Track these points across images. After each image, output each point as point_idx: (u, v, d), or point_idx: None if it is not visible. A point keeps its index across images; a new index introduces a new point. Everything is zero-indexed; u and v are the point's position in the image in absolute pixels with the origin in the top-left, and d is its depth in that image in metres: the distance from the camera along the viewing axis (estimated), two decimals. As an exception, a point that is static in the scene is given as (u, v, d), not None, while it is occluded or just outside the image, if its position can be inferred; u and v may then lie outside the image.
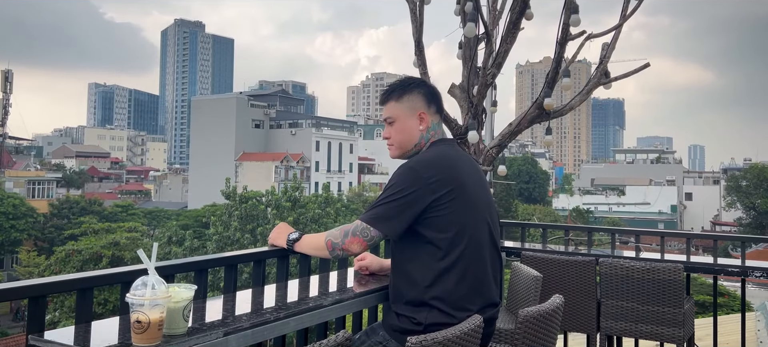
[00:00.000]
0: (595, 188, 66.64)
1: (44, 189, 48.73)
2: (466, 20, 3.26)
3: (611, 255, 3.64)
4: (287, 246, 2.20)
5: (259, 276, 2.26)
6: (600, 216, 53.75)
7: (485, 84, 3.43)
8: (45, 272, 23.08)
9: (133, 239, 24.74)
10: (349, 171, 65.01)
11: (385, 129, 2.19)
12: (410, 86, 2.15)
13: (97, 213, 41.84)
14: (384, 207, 1.96)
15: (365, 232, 1.97)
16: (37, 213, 38.83)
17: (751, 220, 44.81)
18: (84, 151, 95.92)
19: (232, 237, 21.33)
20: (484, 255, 2.01)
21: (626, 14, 3.61)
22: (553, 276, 3.43)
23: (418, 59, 3.57)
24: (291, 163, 57.76)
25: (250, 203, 22.19)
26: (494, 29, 3.70)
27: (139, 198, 68.70)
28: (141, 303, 1.43)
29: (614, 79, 3.73)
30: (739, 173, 50.49)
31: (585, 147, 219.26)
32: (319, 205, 23.45)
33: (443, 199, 1.93)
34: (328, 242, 2.04)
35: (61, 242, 31.93)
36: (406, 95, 2.13)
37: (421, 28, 3.49)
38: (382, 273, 2.40)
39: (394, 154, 2.18)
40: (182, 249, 22.47)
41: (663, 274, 3.21)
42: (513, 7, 3.46)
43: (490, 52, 3.48)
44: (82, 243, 24.22)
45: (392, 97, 2.14)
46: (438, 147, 2.10)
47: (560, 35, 3.33)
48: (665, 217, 56.41)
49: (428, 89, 2.16)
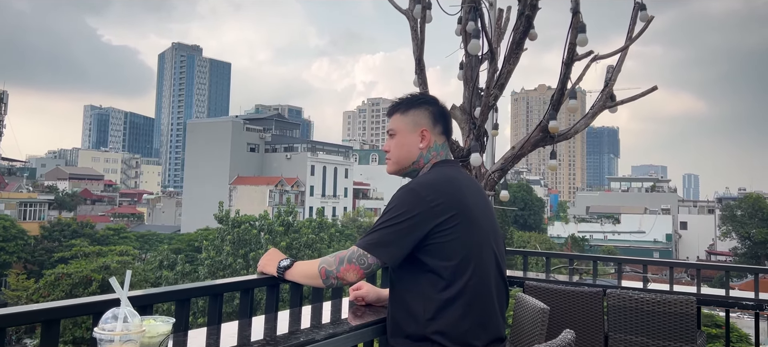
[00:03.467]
0: (591, 216, 66.66)
1: (36, 211, 48.27)
2: (468, 39, 3.16)
3: (618, 286, 3.47)
4: (277, 274, 2.04)
5: (246, 306, 2.09)
6: (595, 245, 53.62)
7: (488, 105, 3.31)
8: (33, 296, 22.64)
9: (124, 263, 24.38)
10: (343, 196, 64.84)
11: (386, 141, 2.06)
12: (418, 101, 2.03)
13: (89, 236, 41.37)
14: (382, 232, 1.81)
15: (362, 260, 1.81)
16: (27, 235, 38.36)
17: (746, 250, 44.76)
18: (77, 173, 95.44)
19: (224, 262, 21.04)
20: (490, 286, 1.85)
21: (632, 36, 3.52)
22: (558, 308, 3.26)
23: (418, 78, 3.46)
24: (286, 187, 57.56)
25: (242, 227, 21.96)
26: (497, 48, 3.59)
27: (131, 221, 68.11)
28: (110, 338, 1.25)
29: (620, 102, 3.63)
30: (734, 203, 50.61)
31: (580, 174, 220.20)
32: (313, 230, 23.22)
33: (446, 224, 1.78)
34: (321, 270, 1.88)
35: (51, 265, 31.46)
36: (412, 110, 2.01)
37: (422, 47, 3.38)
38: (380, 303, 2.24)
39: (390, 168, 2.06)
40: (173, 273, 22.14)
41: (674, 307, 3.05)
42: (516, 27, 3.36)
43: (494, 72, 3.37)
44: (73, 266, 23.83)
45: (398, 110, 2.03)
46: (441, 168, 1.96)
47: (566, 55, 3.22)
48: (660, 246, 56.33)
49: (437, 108, 2.03)
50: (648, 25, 3.62)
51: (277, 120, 73.97)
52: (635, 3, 3.64)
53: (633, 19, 3.70)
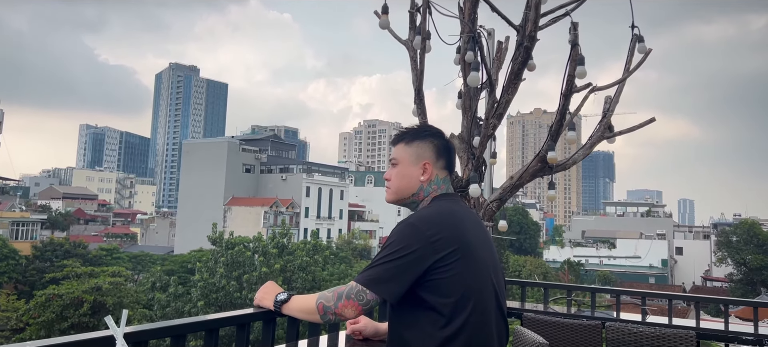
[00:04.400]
0: (586, 240, 66.57)
1: (28, 230, 47.86)
2: (467, 70, 3.17)
3: (617, 318, 3.44)
4: (274, 308, 2.00)
5: (242, 342, 2.05)
6: (591, 269, 53.45)
7: (486, 135, 3.31)
8: (23, 317, 22.32)
9: (116, 284, 24.09)
10: (338, 217, 64.64)
11: (387, 170, 2.06)
12: (423, 134, 2.03)
13: (81, 257, 40.95)
14: (382, 267, 1.78)
15: (360, 295, 1.78)
16: (19, 255, 37.95)
17: (742, 276, 44.71)
18: (71, 193, 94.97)
19: (217, 284, 20.82)
20: (491, 323, 1.83)
21: (630, 69, 3.55)
22: (557, 341, 3.22)
23: (417, 108, 3.47)
24: (280, 208, 57.37)
25: (236, 249, 21.79)
26: (496, 79, 3.61)
27: (124, 241, 67.61)
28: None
29: (618, 133, 3.65)
30: (730, 228, 50.66)
31: (575, 198, 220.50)
32: (308, 253, 23.06)
33: (446, 260, 1.76)
34: (319, 305, 1.85)
35: (42, 286, 31.07)
36: (416, 141, 2.01)
37: (422, 77, 3.39)
38: (377, 338, 2.21)
39: (389, 197, 2.05)
40: (166, 295, 21.89)
41: (674, 342, 3.01)
42: (515, 58, 3.38)
43: (493, 103, 3.38)
44: (64, 287, 23.53)
45: (403, 140, 2.03)
46: (440, 202, 1.95)
47: (565, 87, 3.24)
48: (656, 271, 56.22)
49: (442, 142, 2.03)
50: (646, 58, 3.65)
51: (273, 141, 74.03)
52: (633, 35, 3.67)
53: (631, 50, 3.74)
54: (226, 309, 19.38)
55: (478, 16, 3.53)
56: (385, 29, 3.51)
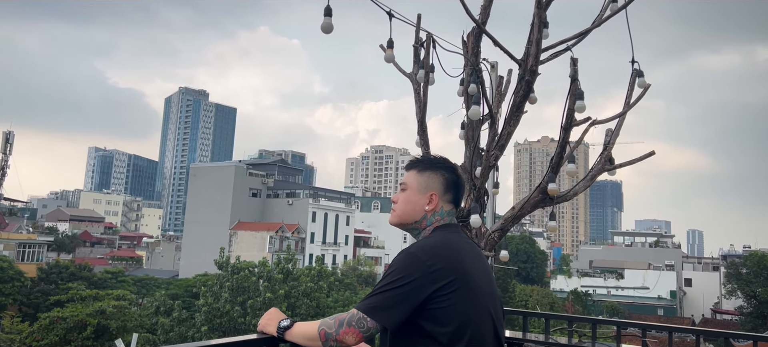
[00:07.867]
0: (594, 270, 65.92)
1: (34, 252, 48.01)
2: (469, 103, 3.26)
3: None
4: (277, 335, 2.05)
5: (244, 367, 2.09)
6: (598, 300, 52.82)
7: (488, 166, 3.38)
8: (27, 339, 22.28)
9: (120, 307, 24.06)
10: (344, 243, 64.49)
11: (397, 192, 2.12)
12: (436, 165, 2.10)
13: (86, 279, 40.94)
14: (382, 296, 1.84)
15: (361, 323, 1.84)
16: (24, 277, 37.99)
17: (752, 309, 44.01)
18: (78, 215, 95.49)
19: (221, 309, 20.75)
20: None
21: (630, 103, 3.63)
22: (557, 372, 3.23)
23: (421, 139, 3.55)
24: (286, 233, 57.35)
25: (241, 274, 21.76)
26: (498, 112, 3.69)
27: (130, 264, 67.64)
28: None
29: (619, 166, 3.70)
30: (739, 260, 50.04)
31: (583, 228, 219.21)
32: (312, 279, 22.99)
33: (445, 290, 1.82)
34: (321, 332, 1.90)
35: (46, 308, 31.03)
36: (428, 171, 2.08)
37: (425, 109, 3.48)
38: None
39: (393, 220, 2.12)
40: (170, 320, 21.84)
41: (675, 374, 3.02)
42: (516, 91, 3.47)
43: (494, 135, 3.45)
44: (68, 310, 23.52)
45: (415, 167, 2.11)
46: (441, 233, 2.01)
47: (565, 121, 3.31)
48: (665, 303, 55.43)
49: (452, 177, 2.10)
50: (645, 92, 3.73)
51: (279, 165, 74.38)
52: (633, 70, 3.76)
53: (631, 85, 3.82)
54: (229, 334, 19.30)
55: (481, 49, 3.64)
56: (390, 63, 3.61)
